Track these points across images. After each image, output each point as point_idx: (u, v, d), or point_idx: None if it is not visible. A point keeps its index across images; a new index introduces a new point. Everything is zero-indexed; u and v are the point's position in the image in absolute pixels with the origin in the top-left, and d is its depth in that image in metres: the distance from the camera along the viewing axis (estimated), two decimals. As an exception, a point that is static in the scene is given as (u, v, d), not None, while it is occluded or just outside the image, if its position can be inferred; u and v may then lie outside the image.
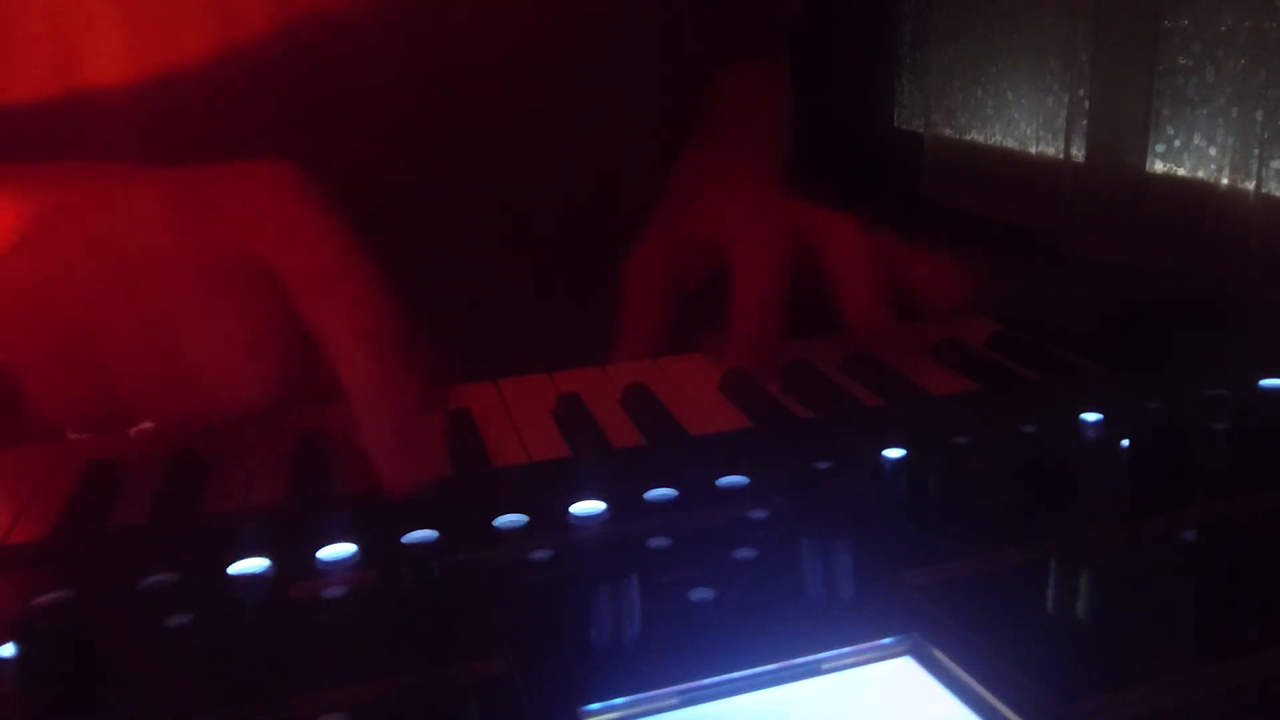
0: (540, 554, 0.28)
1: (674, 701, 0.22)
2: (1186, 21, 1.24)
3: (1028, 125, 1.53)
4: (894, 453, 0.31)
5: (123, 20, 0.45)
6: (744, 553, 0.27)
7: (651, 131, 0.64)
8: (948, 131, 1.70)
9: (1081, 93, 1.35)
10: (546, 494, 0.31)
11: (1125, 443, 0.30)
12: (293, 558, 0.28)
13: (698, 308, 0.50)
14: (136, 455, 0.37)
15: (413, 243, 0.53)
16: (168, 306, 0.32)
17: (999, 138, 1.60)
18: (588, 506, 0.30)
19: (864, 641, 0.23)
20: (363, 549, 0.28)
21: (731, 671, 0.22)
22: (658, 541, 0.28)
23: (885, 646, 0.23)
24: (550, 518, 0.30)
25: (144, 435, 0.38)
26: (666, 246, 0.52)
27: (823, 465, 0.32)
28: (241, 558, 0.28)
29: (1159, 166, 1.29)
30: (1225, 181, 1.19)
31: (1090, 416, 0.34)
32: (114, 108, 0.46)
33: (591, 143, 0.58)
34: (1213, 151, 1.22)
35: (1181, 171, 1.26)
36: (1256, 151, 1.13)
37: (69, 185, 0.35)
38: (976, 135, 1.65)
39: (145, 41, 0.46)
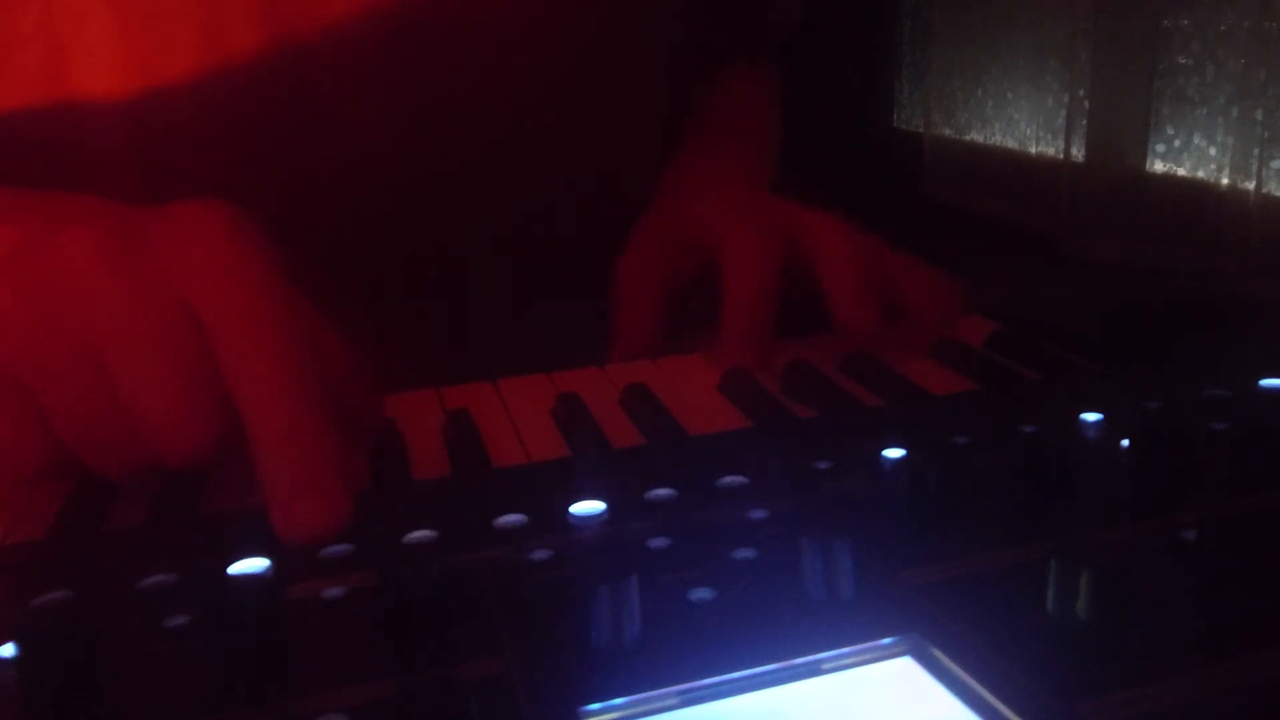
0: (540, 554, 0.28)
1: (674, 701, 0.22)
2: (1186, 21, 1.24)
3: (1027, 125, 1.53)
4: (894, 453, 0.31)
5: (114, 26, 0.45)
6: (744, 553, 0.27)
7: (648, 133, 0.64)
8: (947, 131, 1.69)
9: (1081, 93, 1.35)
10: (546, 494, 0.31)
11: (1125, 443, 0.30)
12: (293, 558, 0.28)
13: (696, 307, 0.50)
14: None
15: (413, 244, 0.53)
16: (103, 351, 0.30)
17: (998, 137, 1.60)
18: (588, 506, 0.30)
19: (864, 641, 0.23)
20: (362, 549, 0.28)
21: (731, 671, 0.22)
22: (658, 541, 0.28)
23: (885, 646, 0.23)
24: (550, 518, 0.30)
25: None
26: (658, 245, 0.52)
27: (823, 465, 0.32)
28: (241, 558, 0.28)
29: (1159, 166, 1.29)
30: (1225, 181, 1.18)
31: (1090, 416, 0.34)
32: (104, 114, 0.46)
33: (589, 144, 0.58)
34: (1213, 151, 1.22)
35: (1181, 171, 1.26)
36: (1256, 151, 1.13)
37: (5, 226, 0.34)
38: (976, 135, 1.64)
39: (136, 49, 0.45)
